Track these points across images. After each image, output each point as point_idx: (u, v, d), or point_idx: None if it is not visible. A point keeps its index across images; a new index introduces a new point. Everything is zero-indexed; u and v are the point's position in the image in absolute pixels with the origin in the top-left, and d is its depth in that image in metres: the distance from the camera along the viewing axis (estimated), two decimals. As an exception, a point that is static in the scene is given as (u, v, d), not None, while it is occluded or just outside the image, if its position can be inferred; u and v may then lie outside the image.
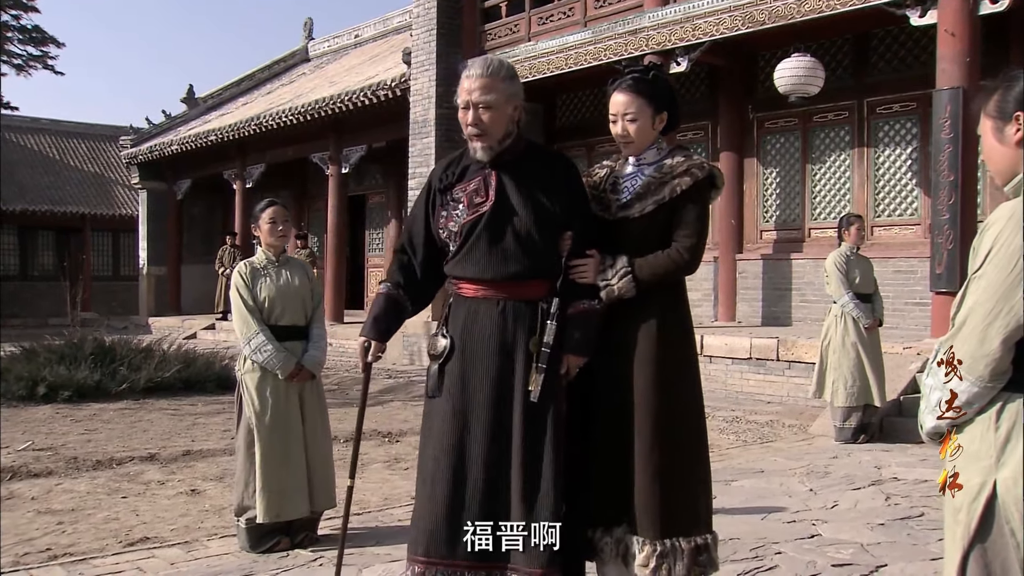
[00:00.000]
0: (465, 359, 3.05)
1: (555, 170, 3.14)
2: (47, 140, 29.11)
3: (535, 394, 2.95)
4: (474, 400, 3.01)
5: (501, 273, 3.04)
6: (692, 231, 3.05)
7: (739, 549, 4.38)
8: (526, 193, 3.06)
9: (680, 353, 3.06)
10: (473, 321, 3.07)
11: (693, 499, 3.01)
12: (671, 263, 3.02)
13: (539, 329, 3.00)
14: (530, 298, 3.04)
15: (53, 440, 8.05)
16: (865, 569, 4.08)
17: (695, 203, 3.06)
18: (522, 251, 3.03)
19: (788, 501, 5.39)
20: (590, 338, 3.05)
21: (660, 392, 2.98)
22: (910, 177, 11.06)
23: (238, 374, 4.72)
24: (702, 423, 3.12)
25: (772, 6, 10.14)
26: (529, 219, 3.03)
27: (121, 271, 28.41)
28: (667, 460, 2.95)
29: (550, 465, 2.93)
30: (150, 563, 4.37)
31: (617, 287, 3.02)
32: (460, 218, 3.09)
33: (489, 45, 13.87)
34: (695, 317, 11.59)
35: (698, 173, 3.05)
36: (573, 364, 3.04)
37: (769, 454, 7.08)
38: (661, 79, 3.18)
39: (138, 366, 11.42)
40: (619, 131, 3.13)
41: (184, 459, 7.21)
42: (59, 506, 5.76)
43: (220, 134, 19.39)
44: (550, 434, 2.95)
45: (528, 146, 3.20)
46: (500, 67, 3.09)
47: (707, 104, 13.00)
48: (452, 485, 2.96)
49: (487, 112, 3.03)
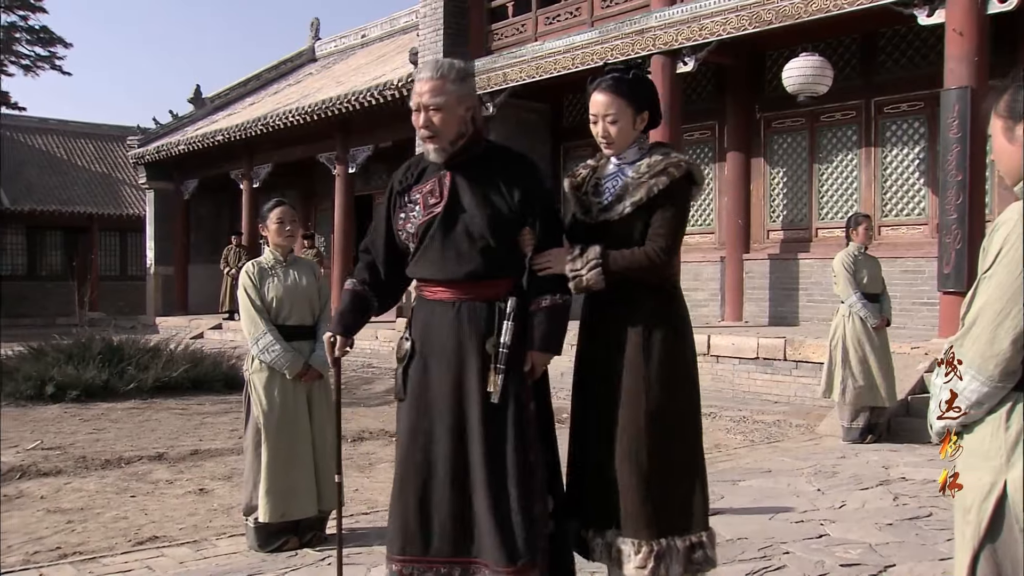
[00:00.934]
0: (425, 362, 3.08)
1: (511, 169, 3.12)
2: (55, 140, 29.19)
3: (495, 395, 2.94)
4: (435, 402, 3.03)
5: (455, 274, 3.04)
6: (667, 231, 3.00)
7: (747, 549, 4.38)
8: (480, 193, 3.05)
9: (672, 352, 3.00)
10: (431, 323, 3.09)
11: (686, 498, 2.98)
12: (645, 260, 2.97)
13: (496, 329, 2.99)
14: (487, 298, 3.03)
15: (62, 439, 8.08)
16: (874, 569, 4.07)
17: (673, 203, 3.02)
18: (476, 251, 3.03)
19: (796, 501, 5.39)
20: (553, 334, 3.03)
21: (649, 392, 2.96)
22: (918, 177, 11.03)
23: (246, 374, 4.73)
24: (696, 422, 3.09)
25: (779, 6, 10.12)
26: (482, 218, 3.02)
27: (128, 271, 28.49)
28: (657, 461, 2.94)
29: (514, 464, 2.93)
30: (159, 562, 4.38)
31: (586, 277, 2.98)
32: (416, 220, 3.11)
33: (496, 45, 13.87)
34: (702, 317, 11.58)
35: (675, 172, 3.00)
36: (538, 361, 3.03)
37: (776, 454, 7.07)
38: (642, 78, 3.15)
39: (146, 366, 11.45)
40: (600, 132, 3.10)
41: (192, 458, 7.23)
42: (68, 505, 5.79)
43: (227, 134, 19.42)
44: (513, 433, 2.95)
45: (488, 147, 3.19)
46: (450, 69, 3.08)
47: (714, 104, 12.98)
48: (421, 485, 3.00)
49: (437, 114, 3.03)
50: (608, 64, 3.21)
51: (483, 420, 2.95)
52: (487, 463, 2.93)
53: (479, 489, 2.94)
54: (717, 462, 6.71)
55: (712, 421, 8.65)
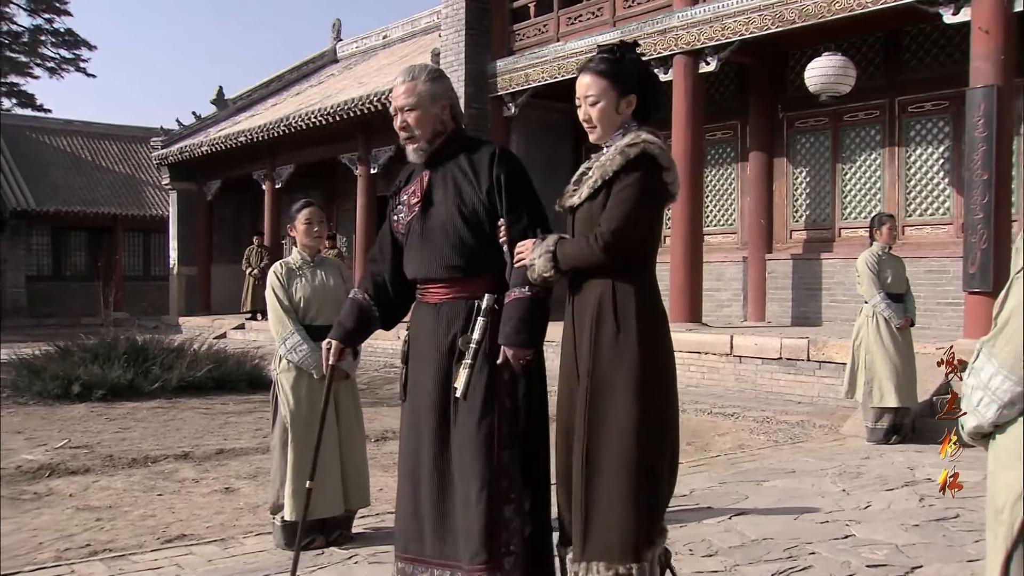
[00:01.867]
0: (415, 362, 3.14)
1: (480, 159, 3.10)
2: (79, 142, 29.44)
3: (460, 391, 2.95)
4: (422, 401, 3.07)
5: (434, 272, 3.10)
6: (612, 215, 2.75)
7: (772, 549, 4.37)
8: (451, 189, 3.09)
9: (617, 357, 2.75)
10: (420, 325, 3.16)
11: (621, 524, 2.69)
12: (586, 248, 2.77)
13: (471, 326, 3.00)
14: (467, 296, 3.05)
15: (88, 438, 8.15)
16: (900, 570, 4.06)
17: (625, 185, 2.77)
18: (450, 248, 3.05)
19: (821, 501, 5.37)
20: (521, 328, 2.92)
21: (592, 402, 2.76)
22: (942, 176, 10.97)
23: (273, 373, 4.77)
24: (642, 439, 2.71)
25: (802, 5, 10.09)
26: (453, 215, 3.04)
27: (151, 271, 28.70)
28: (597, 479, 2.74)
29: (481, 463, 2.91)
30: (188, 560, 4.42)
31: (538, 264, 2.85)
32: (403, 220, 3.20)
33: (518, 45, 13.89)
34: (724, 317, 11.57)
35: (629, 152, 2.78)
36: (512, 357, 2.93)
37: (800, 454, 7.05)
38: (629, 59, 2.93)
39: (170, 365, 11.52)
40: (582, 115, 2.93)
41: (217, 457, 7.28)
42: (97, 503, 5.84)
43: (250, 135, 19.54)
44: (482, 431, 2.93)
45: (464, 143, 3.20)
46: (422, 70, 3.18)
47: (736, 103, 12.96)
48: (413, 484, 3.06)
49: (411, 114, 3.13)
50: (599, 47, 3.02)
51: (456, 419, 2.98)
52: (458, 463, 2.95)
53: (454, 489, 2.97)
54: (741, 462, 6.71)
55: (735, 421, 8.64)
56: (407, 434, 3.12)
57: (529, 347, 2.95)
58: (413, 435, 3.08)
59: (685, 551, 4.33)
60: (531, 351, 2.95)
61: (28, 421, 9.13)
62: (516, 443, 2.97)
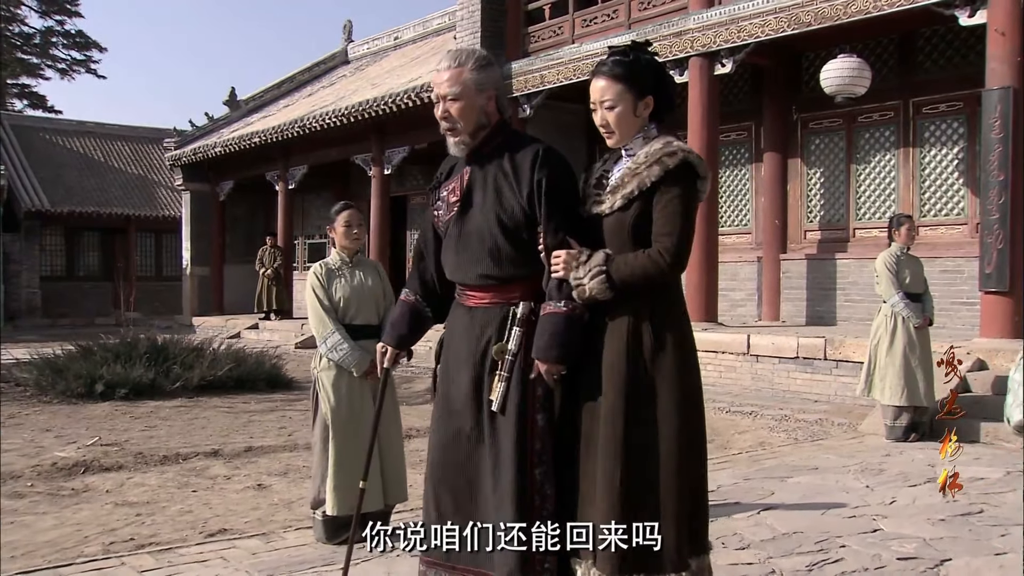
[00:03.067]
0: (447, 365, 3.05)
1: (523, 160, 2.91)
2: (92, 143, 29.60)
3: (496, 404, 2.85)
4: (453, 406, 2.99)
5: (470, 276, 2.97)
6: (671, 229, 2.69)
7: (803, 542, 4.48)
8: (492, 188, 2.93)
9: (656, 369, 2.72)
10: (453, 328, 3.06)
11: (666, 535, 2.68)
12: (651, 265, 2.69)
13: (506, 335, 2.88)
14: (502, 302, 2.93)
15: (116, 436, 8.27)
16: (930, 563, 4.16)
17: (672, 197, 2.71)
18: (486, 252, 2.92)
19: (846, 497, 5.48)
20: (556, 343, 2.78)
21: (625, 414, 2.70)
22: (957, 177, 11.06)
23: (314, 372, 4.88)
24: (684, 451, 2.71)
25: (818, 7, 10.18)
26: (491, 217, 2.91)
27: (163, 271, 28.85)
28: (628, 492, 2.68)
29: (516, 481, 2.82)
30: (232, 553, 4.54)
31: (589, 287, 2.72)
32: (443, 217, 3.06)
33: (533, 47, 14.00)
34: (739, 316, 11.68)
35: (668, 162, 2.70)
36: (546, 371, 2.82)
37: (821, 452, 7.15)
38: (644, 60, 2.84)
39: (190, 365, 11.63)
40: (599, 121, 2.86)
41: (247, 455, 7.40)
42: (134, 499, 5.96)
43: (264, 136, 19.67)
44: (517, 448, 2.83)
45: (508, 138, 3.02)
46: (469, 57, 2.97)
47: (750, 104, 13.06)
48: (440, 488, 2.98)
49: (454, 104, 2.93)
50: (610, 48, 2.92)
51: (490, 430, 2.89)
52: (492, 477, 2.88)
53: (483, 499, 2.91)
54: (763, 459, 6.82)
55: (754, 419, 8.75)
56: (436, 437, 3.05)
57: (560, 363, 2.81)
58: (443, 438, 3.01)
59: (718, 544, 4.42)
60: (564, 367, 2.82)
61: (55, 419, 9.27)
62: (549, 459, 2.87)
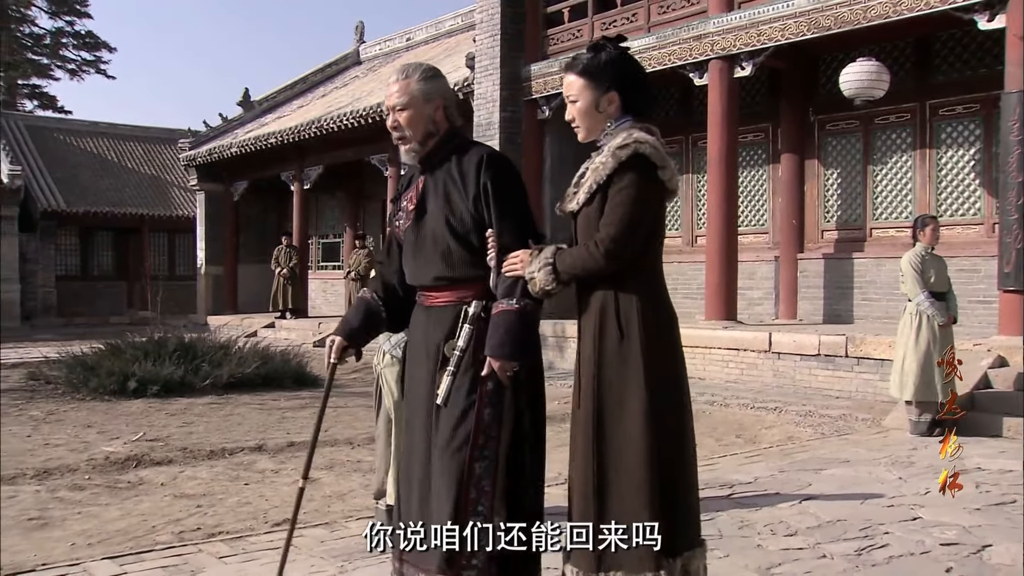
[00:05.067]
0: (409, 365, 3.16)
1: (469, 166, 3.01)
2: (105, 143, 29.85)
3: (440, 398, 2.92)
4: (412, 406, 3.10)
5: (426, 278, 3.08)
6: (610, 219, 2.71)
7: (848, 529, 4.69)
8: (441, 197, 3.03)
9: (622, 360, 2.72)
10: (413, 328, 3.16)
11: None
12: (588, 257, 2.72)
13: (457, 333, 2.96)
14: (456, 301, 3.02)
15: (157, 432, 8.47)
16: (972, 548, 4.37)
17: (619, 188, 2.72)
18: (439, 255, 3.02)
19: (881, 487, 5.69)
20: (508, 341, 2.84)
21: (594, 405, 2.73)
22: (973, 178, 11.26)
23: (377, 368, 5.07)
24: (654, 443, 2.67)
25: (838, 12, 10.38)
26: (440, 221, 3.01)
27: (176, 270, 29.08)
28: (599, 485, 2.70)
29: (453, 473, 2.86)
30: (300, 541, 4.72)
31: (538, 279, 2.79)
32: (403, 226, 3.16)
33: (552, 50, 14.19)
34: (756, 315, 11.87)
35: (620, 154, 2.72)
36: (499, 368, 2.85)
37: (849, 446, 7.35)
38: (604, 55, 2.85)
39: (219, 362, 11.83)
40: (567, 115, 2.92)
41: (290, 450, 7.59)
42: (190, 491, 6.16)
43: (281, 137, 19.89)
44: (456, 440, 2.88)
45: (457, 145, 3.11)
46: (416, 69, 3.09)
47: (768, 106, 13.26)
48: (405, 487, 3.09)
49: (402, 113, 3.05)
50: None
51: (436, 426, 2.95)
52: (435, 470, 2.94)
53: (432, 493, 2.96)
54: (794, 453, 7.03)
55: (779, 415, 8.95)
56: (404, 437, 3.19)
57: (515, 360, 2.86)
58: (407, 438, 3.13)
59: (767, 531, 4.66)
60: (517, 364, 2.87)
61: (93, 416, 9.48)
62: (494, 455, 2.88)
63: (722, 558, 4.20)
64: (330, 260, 23.97)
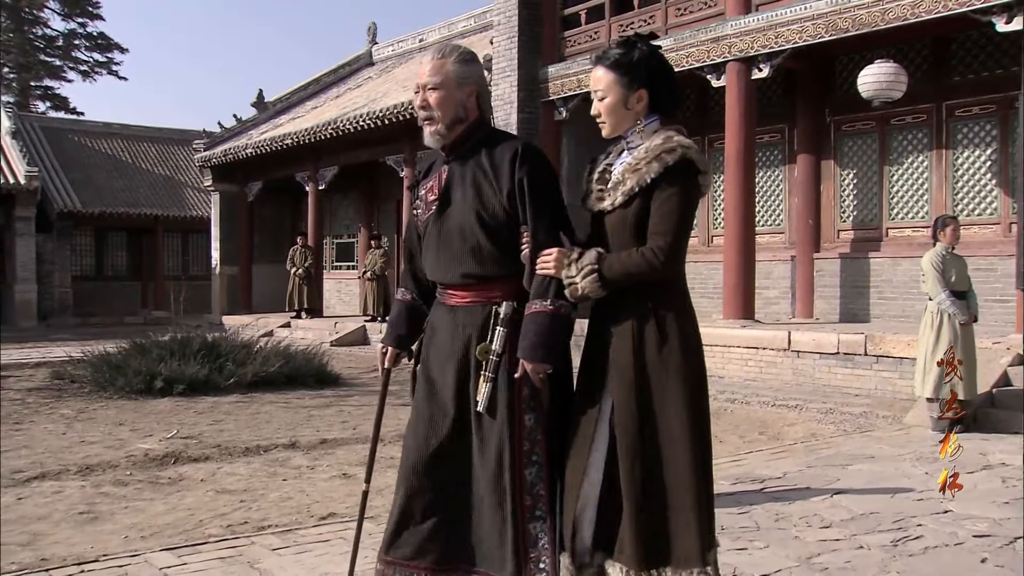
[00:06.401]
0: (428, 366, 3.03)
1: (502, 158, 2.89)
2: (119, 144, 30.07)
3: (482, 405, 2.85)
4: (433, 409, 2.97)
5: (451, 275, 2.96)
6: (666, 227, 2.68)
7: (881, 522, 4.83)
8: (471, 186, 2.92)
9: (664, 365, 2.72)
10: (436, 327, 3.04)
11: (681, 529, 2.69)
12: (644, 264, 2.69)
13: (489, 336, 2.87)
14: (484, 301, 2.92)
15: (188, 430, 8.60)
16: (1004, 540, 4.50)
17: (670, 194, 2.69)
18: (467, 251, 2.90)
19: (909, 482, 5.82)
20: (542, 343, 2.78)
21: (637, 410, 2.73)
22: (989, 178, 11.37)
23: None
24: (696, 444, 2.72)
25: (856, 14, 10.50)
26: (470, 215, 2.89)
27: (190, 271, 29.29)
28: (646, 487, 2.71)
29: (506, 483, 2.83)
30: (349, 534, 4.85)
31: (581, 285, 2.73)
32: (422, 216, 3.05)
33: (569, 52, 14.33)
34: (772, 314, 12.03)
35: (667, 158, 2.69)
36: (532, 371, 2.80)
37: (872, 442, 7.48)
38: (638, 52, 2.80)
39: (242, 361, 11.98)
40: (593, 110, 2.86)
41: (322, 447, 7.73)
42: (231, 487, 6.28)
43: (297, 137, 20.06)
44: (505, 450, 2.83)
45: (487, 136, 3.00)
46: (453, 50, 3.00)
47: (784, 107, 13.38)
48: (416, 490, 2.95)
49: (433, 93, 2.93)
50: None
51: (477, 432, 2.89)
52: (482, 480, 2.88)
53: (473, 502, 2.91)
54: (818, 449, 7.15)
55: (800, 413, 9.07)
56: (414, 435, 3.01)
57: (548, 362, 2.81)
58: (422, 437, 2.97)
59: (803, 524, 4.79)
60: (550, 367, 2.82)
61: (123, 414, 9.62)
62: (540, 458, 2.87)
63: (763, 548, 4.34)
64: (344, 260, 24.14)
